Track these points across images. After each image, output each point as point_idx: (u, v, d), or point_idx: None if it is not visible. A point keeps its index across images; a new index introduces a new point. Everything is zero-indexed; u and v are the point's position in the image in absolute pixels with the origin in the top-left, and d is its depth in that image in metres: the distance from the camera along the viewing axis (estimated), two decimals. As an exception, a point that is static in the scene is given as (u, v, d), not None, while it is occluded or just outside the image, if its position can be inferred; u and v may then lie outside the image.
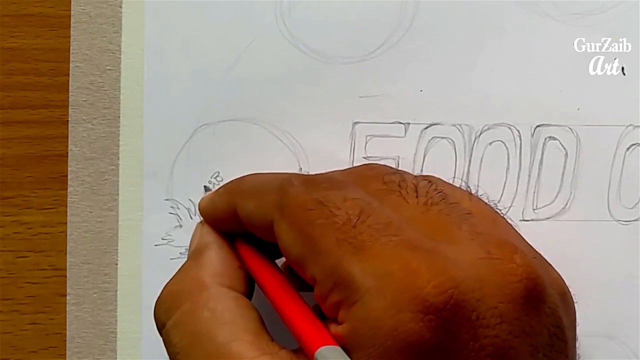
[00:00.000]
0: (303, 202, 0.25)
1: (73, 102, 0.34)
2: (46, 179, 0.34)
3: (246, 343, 0.25)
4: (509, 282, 0.23)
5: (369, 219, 0.24)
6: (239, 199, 0.28)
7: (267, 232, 0.26)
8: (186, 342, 0.25)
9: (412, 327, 0.22)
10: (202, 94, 0.34)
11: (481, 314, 0.22)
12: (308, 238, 0.24)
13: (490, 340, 0.22)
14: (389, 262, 0.23)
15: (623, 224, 0.33)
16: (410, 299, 0.22)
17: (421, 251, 0.23)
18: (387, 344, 0.22)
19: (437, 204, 0.26)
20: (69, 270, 0.33)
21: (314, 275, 0.24)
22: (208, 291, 0.27)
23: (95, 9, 0.34)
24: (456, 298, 0.22)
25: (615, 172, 0.33)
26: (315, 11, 0.34)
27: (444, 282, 0.22)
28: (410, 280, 0.22)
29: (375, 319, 0.22)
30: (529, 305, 0.23)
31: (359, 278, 0.23)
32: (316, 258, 0.24)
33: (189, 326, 0.26)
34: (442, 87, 0.33)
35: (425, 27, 0.33)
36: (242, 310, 0.26)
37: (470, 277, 0.23)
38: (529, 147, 0.33)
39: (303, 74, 0.34)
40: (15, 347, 0.34)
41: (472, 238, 0.24)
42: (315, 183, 0.26)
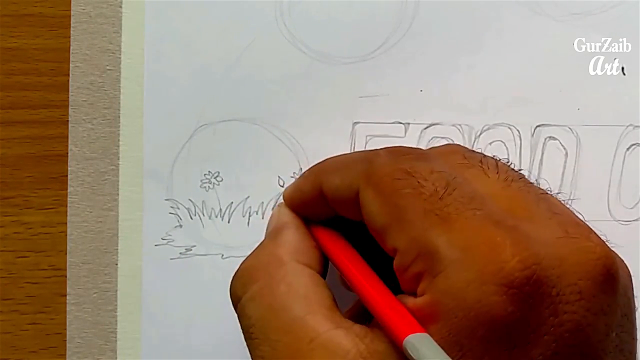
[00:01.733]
0: (390, 171, 0.25)
1: (73, 102, 0.34)
2: (46, 179, 0.34)
3: (321, 316, 0.25)
4: (588, 260, 0.23)
5: (454, 191, 0.24)
6: (325, 176, 0.28)
7: (353, 205, 0.26)
8: (261, 314, 0.26)
9: (495, 299, 0.22)
10: (202, 94, 0.34)
11: (561, 290, 0.23)
12: (394, 207, 0.24)
13: (569, 317, 0.23)
14: (474, 235, 0.23)
15: (623, 224, 0.33)
16: (495, 273, 0.22)
17: (504, 227, 0.23)
18: (470, 315, 0.22)
19: (517, 181, 0.26)
20: (69, 270, 0.33)
21: (396, 245, 0.24)
22: (285, 267, 0.27)
23: (95, 9, 0.34)
24: (538, 274, 0.22)
25: (615, 172, 0.33)
26: (315, 11, 0.34)
27: (527, 258, 0.22)
28: (495, 254, 0.22)
29: (459, 290, 0.22)
30: (606, 284, 0.23)
31: (444, 249, 0.23)
32: (401, 227, 0.24)
33: (265, 299, 0.26)
34: (442, 87, 0.33)
35: (425, 27, 0.33)
36: (316, 286, 0.26)
37: (551, 254, 0.23)
38: (529, 147, 0.33)
39: (303, 74, 0.34)
40: (15, 347, 0.34)
41: (550, 217, 0.25)
42: (402, 153, 0.26)
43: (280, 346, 0.25)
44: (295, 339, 0.24)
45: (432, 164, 0.26)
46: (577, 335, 0.23)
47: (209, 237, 0.34)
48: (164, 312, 0.33)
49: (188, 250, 0.33)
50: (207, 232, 0.34)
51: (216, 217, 0.34)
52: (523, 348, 0.22)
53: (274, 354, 0.25)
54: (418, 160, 0.26)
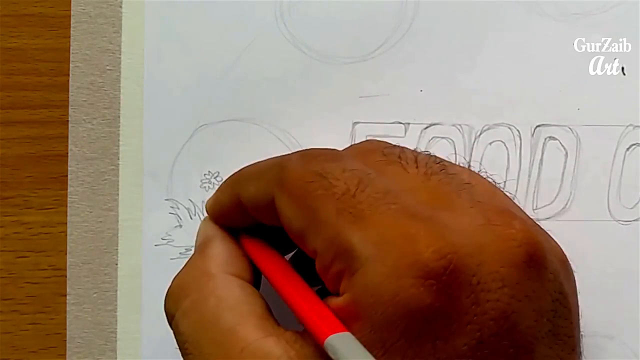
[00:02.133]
0: (302, 175, 0.25)
1: (73, 102, 0.34)
2: (46, 179, 0.34)
3: (251, 326, 0.25)
4: (509, 247, 0.23)
5: (367, 188, 0.24)
6: (241, 187, 0.28)
7: (270, 212, 0.26)
8: (193, 329, 0.26)
9: (412, 292, 0.22)
10: (202, 94, 0.34)
11: (482, 278, 0.22)
12: (308, 210, 0.24)
13: (492, 305, 0.22)
14: (388, 229, 0.23)
15: (623, 224, 0.33)
16: (410, 265, 0.22)
17: (420, 218, 0.23)
18: (388, 310, 0.22)
19: (437, 174, 0.26)
20: (69, 270, 0.33)
21: (314, 248, 0.24)
22: (214, 280, 0.27)
23: (95, 9, 0.34)
24: (456, 263, 0.22)
25: (615, 172, 0.33)
26: (315, 11, 0.34)
27: (443, 247, 0.22)
28: (409, 246, 0.22)
29: (376, 286, 0.22)
30: (530, 270, 0.23)
31: (359, 247, 0.23)
32: (317, 229, 0.24)
33: (197, 314, 0.26)
34: (442, 87, 0.33)
35: (425, 27, 0.33)
36: (246, 296, 0.26)
37: (470, 243, 0.23)
38: (529, 147, 0.33)
39: (303, 74, 0.34)
40: (15, 347, 0.34)
41: (472, 206, 0.24)
42: (313, 156, 0.26)
43: (213, 358, 0.24)
44: (227, 350, 0.24)
45: (344, 163, 0.25)
46: (503, 323, 0.22)
47: (209, 237, 0.34)
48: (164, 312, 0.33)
49: (188, 250, 0.33)
50: (207, 232, 0.34)
51: (216, 217, 0.34)
52: (446, 339, 0.22)
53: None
54: (330, 161, 0.26)
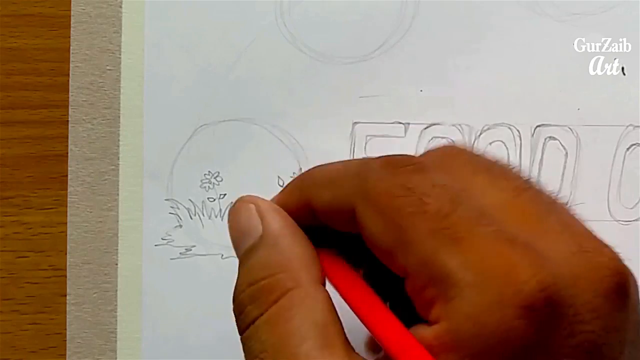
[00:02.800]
0: (388, 188, 0.24)
1: (73, 102, 0.34)
2: (46, 179, 0.34)
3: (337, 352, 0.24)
4: (602, 277, 0.23)
5: (460, 207, 0.23)
6: (313, 191, 0.27)
7: (347, 222, 0.25)
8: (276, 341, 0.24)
9: (516, 323, 0.21)
10: (202, 94, 0.34)
11: (577, 309, 0.22)
12: (398, 227, 0.23)
13: (585, 336, 0.22)
14: (487, 255, 0.22)
15: (623, 224, 0.33)
16: (514, 295, 0.21)
17: (519, 244, 0.22)
18: (490, 341, 0.21)
19: (527, 190, 0.25)
20: (69, 270, 0.33)
21: (405, 267, 0.23)
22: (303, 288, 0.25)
23: (95, 9, 0.34)
24: (556, 294, 0.22)
25: (615, 172, 0.33)
26: (315, 11, 0.34)
27: (545, 278, 0.22)
28: (513, 276, 0.22)
29: (477, 315, 0.22)
30: (619, 301, 0.23)
31: (457, 272, 0.22)
32: (408, 249, 0.23)
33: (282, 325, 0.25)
34: (442, 87, 0.33)
35: (425, 27, 0.33)
36: (331, 313, 0.25)
37: (567, 272, 0.22)
38: (529, 147, 0.33)
39: (303, 74, 0.34)
40: (15, 347, 0.34)
41: (562, 231, 0.24)
42: (398, 165, 0.25)
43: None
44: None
45: (433, 177, 0.24)
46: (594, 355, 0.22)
47: (209, 237, 0.34)
48: (164, 312, 0.33)
49: (188, 250, 0.33)
50: (207, 232, 0.34)
51: (216, 217, 0.34)
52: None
53: None
54: (416, 173, 0.24)
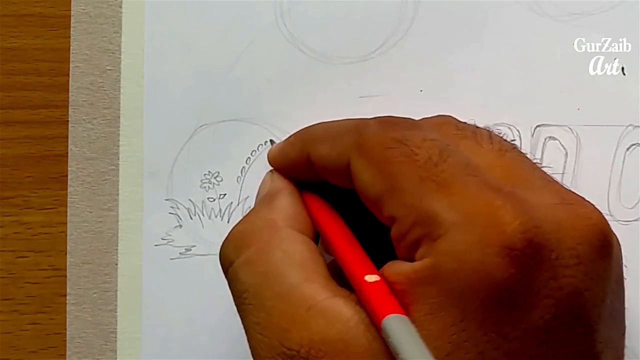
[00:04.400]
0: (382, 141, 0.25)
1: (73, 102, 0.34)
2: (46, 179, 0.34)
3: (318, 285, 0.25)
4: (585, 225, 0.24)
5: (449, 158, 0.24)
6: (312, 144, 0.28)
7: (342, 175, 0.26)
8: (256, 280, 0.25)
9: (497, 262, 0.22)
10: (202, 94, 0.34)
11: (560, 254, 0.23)
12: (388, 175, 0.24)
13: (568, 280, 0.23)
14: (473, 199, 0.23)
15: (623, 224, 0.33)
16: (497, 235, 0.22)
17: (503, 192, 0.23)
18: (471, 277, 0.22)
19: (511, 151, 0.26)
20: (69, 270, 0.33)
21: (392, 214, 0.24)
22: (280, 232, 0.27)
23: (95, 9, 0.34)
24: (539, 237, 0.23)
25: (615, 172, 0.33)
26: (315, 11, 0.34)
27: (528, 221, 0.23)
28: (496, 217, 0.23)
29: (461, 252, 0.22)
30: (602, 249, 0.24)
31: (444, 213, 0.23)
32: (397, 195, 0.24)
33: (260, 265, 0.26)
34: (442, 87, 0.33)
35: (425, 27, 0.33)
36: (312, 254, 0.26)
37: (550, 219, 0.23)
38: (529, 147, 0.33)
39: (303, 74, 0.34)
40: (15, 347, 0.34)
41: (545, 185, 0.25)
42: (392, 123, 0.26)
43: (277, 312, 0.24)
44: (292, 306, 0.24)
45: (424, 133, 0.25)
46: (576, 300, 0.23)
47: (209, 237, 0.34)
48: (164, 312, 0.33)
49: (188, 250, 0.33)
50: (207, 232, 0.34)
51: (216, 217, 0.34)
52: (524, 311, 0.22)
53: (270, 320, 0.24)
54: (410, 129, 0.26)
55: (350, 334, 0.23)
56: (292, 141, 0.30)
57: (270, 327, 0.24)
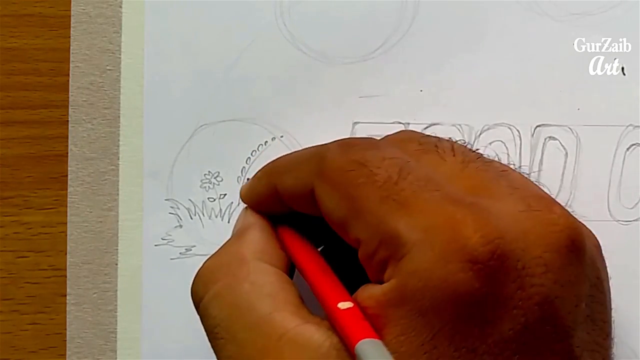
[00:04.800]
0: (342, 164, 0.25)
1: (73, 102, 0.34)
2: (46, 179, 0.34)
3: (288, 313, 0.25)
4: (551, 232, 0.23)
5: (409, 176, 0.24)
6: (278, 177, 0.28)
7: (308, 202, 0.26)
8: (226, 314, 0.25)
9: (461, 276, 0.22)
10: (202, 94, 0.34)
11: (527, 263, 0.23)
12: (350, 199, 0.24)
13: (536, 289, 0.22)
14: (433, 215, 0.23)
15: (623, 224, 0.33)
16: (458, 250, 0.22)
17: (464, 204, 0.23)
18: (437, 295, 0.22)
19: (474, 162, 0.26)
20: (69, 270, 0.33)
21: (358, 236, 0.24)
22: (247, 265, 0.27)
23: (95, 9, 0.34)
24: (502, 248, 0.22)
25: (615, 172, 0.33)
26: (315, 11, 0.34)
27: (489, 232, 0.22)
28: (457, 232, 0.22)
29: (424, 271, 0.22)
30: (571, 255, 0.23)
31: (405, 232, 0.23)
32: (360, 217, 0.24)
33: (229, 298, 0.26)
34: (442, 87, 0.33)
35: (425, 27, 0.33)
36: (282, 284, 0.26)
37: (514, 228, 0.23)
38: (529, 147, 0.33)
39: (303, 74, 0.34)
40: (15, 347, 0.34)
41: (511, 192, 0.25)
42: (351, 145, 0.26)
43: (248, 344, 0.24)
44: (263, 336, 0.24)
45: (384, 152, 0.25)
46: (546, 308, 0.23)
47: (209, 237, 0.34)
48: (164, 312, 0.33)
49: (188, 250, 0.33)
50: (207, 232, 0.34)
51: (216, 217, 0.34)
52: (493, 323, 0.22)
53: (242, 352, 0.24)
54: (368, 149, 0.26)
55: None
56: (259, 176, 0.30)
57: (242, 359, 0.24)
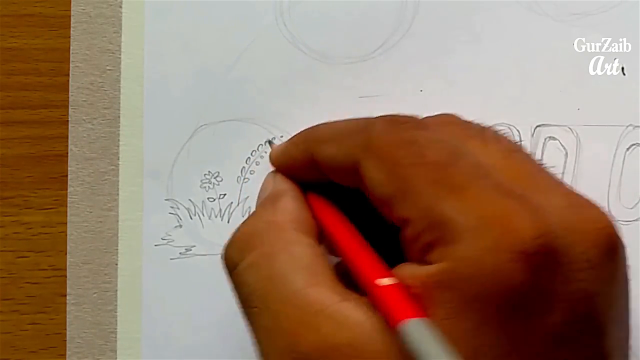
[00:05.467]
0: (392, 141, 0.25)
1: (73, 102, 0.34)
2: (46, 179, 0.34)
3: (326, 289, 0.24)
4: (595, 229, 0.23)
5: (459, 161, 0.24)
6: (318, 145, 0.28)
7: (349, 174, 0.26)
8: (261, 284, 0.25)
9: (512, 267, 0.22)
10: (202, 94, 0.34)
11: (572, 258, 0.23)
12: (399, 177, 0.24)
13: (580, 285, 0.23)
14: (486, 204, 0.23)
15: (623, 224, 0.33)
16: (510, 241, 0.22)
17: (515, 196, 0.23)
18: (487, 283, 0.22)
19: (517, 152, 0.26)
20: (69, 270, 0.33)
21: (405, 215, 0.24)
22: (286, 235, 0.26)
23: (95, 9, 0.34)
24: (552, 242, 0.22)
25: (615, 172, 0.33)
26: (315, 11, 0.34)
27: (541, 226, 0.22)
28: (511, 223, 0.22)
29: (475, 258, 0.22)
30: (611, 253, 0.24)
31: (458, 218, 0.23)
32: (408, 197, 0.24)
33: (266, 268, 0.25)
34: (442, 87, 0.33)
35: (425, 27, 0.33)
36: (318, 257, 0.26)
37: (562, 223, 0.23)
38: (529, 147, 0.33)
39: (303, 74, 0.34)
40: (15, 347, 0.34)
41: (554, 187, 0.25)
42: (400, 122, 0.26)
43: (284, 317, 0.24)
44: (300, 310, 0.24)
45: (433, 133, 0.25)
46: (587, 304, 0.23)
47: (209, 237, 0.34)
48: (164, 312, 0.33)
49: (188, 250, 0.33)
50: (207, 232, 0.34)
51: (216, 217, 0.34)
52: (538, 317, 0.22)
53: (278, 324, 0.24)
54: (418, 129, 0.26)
55: (362, 340, 0.23)
56: (296, 141, 0.29)
57: (278, 330, 0.24)
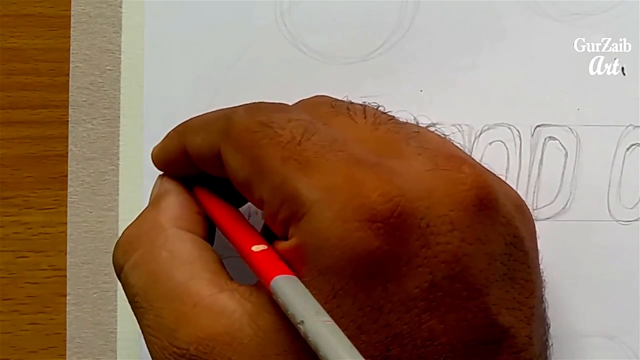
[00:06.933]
0: (247, 126, 0.25)
1: (73, 102, 0.34)
2: (46, 179, 0.34)
3: (205, 281, 0.25)
4: (458, 191, 0.23)
5: (313, 136, 0.24)
6: (187, 136, 0.28)
7: (216, 163, 0.26)
8: (144, 282, 0.26)
9: (359, 235, 0.22)
10: (202, 95, 0.34)
11: (431, 221, 0.23)
12: (253, 159, 0.25)
13: (442, 247, 0.23)
14: (334, 175, 0.23)
15: (623, 224, 0.33)
16: (357, 208, 0.22)
17: (367, 164, 0.23)
18: (335, 254, 0.22)
19: (385, 124, 0.26)
20: (69, 270, 0.33)
21: (261, 196, 0.24)
22: (165, 233, 0.27)
23: (95, 9, 0.34)
24: (403, 206, 0.22)
25: (615, 172, 0.33)
26: (315, 11, 0.34)
27: (390, 191, 0.22)
28: (356, 190, 0.22)
29: (322, 230, 0.22)
30: (481, 214, 0.23)
31: (305, 192, 0.23)
32: (262, 178, 0.24)
33: (147, 267, 0.26)
34: (442, 87, 0.33)
35: (425, 27, 0.33)
36: (200, 251, 0.26)
37: (418, 186, 0.23)
38: (528, 147, 0.33)
39: (303, 74, 0.34)
40: (15, 347, 0.34)
41: (420, 153, 0.25)
42: (259, 108, 0.27)
43: (165, 313, 0.24)
44: (179, 305, 0.24)
45: (290, 114, 0.26)
46: (454, 266, 0.23)
47: (209, 237, 0.34)
48: (164, 312, 0.33)
49: (188, 250, 0.33)
50: (207, 232, 0.34)
51: (216, 217, 0.34)
52: (397, 281, 0.22)
53: (159, 321, 0.24)
54: (275, 112, 0.26)
55: (235, 327, 0.23)
56: (171, 135, 0.30)
57: (159, 328, 0.24)
